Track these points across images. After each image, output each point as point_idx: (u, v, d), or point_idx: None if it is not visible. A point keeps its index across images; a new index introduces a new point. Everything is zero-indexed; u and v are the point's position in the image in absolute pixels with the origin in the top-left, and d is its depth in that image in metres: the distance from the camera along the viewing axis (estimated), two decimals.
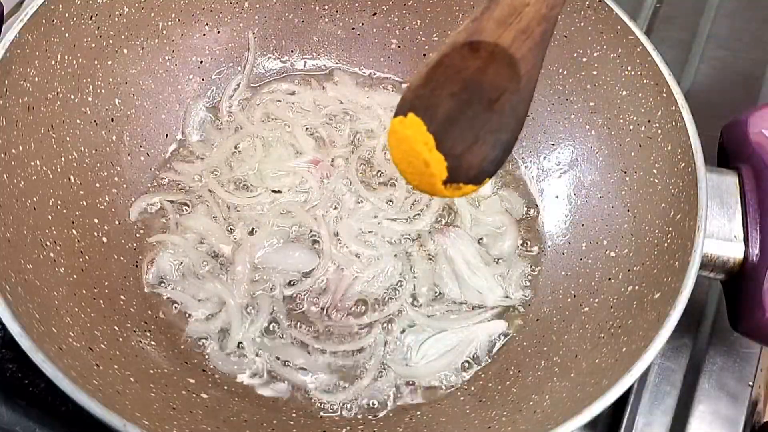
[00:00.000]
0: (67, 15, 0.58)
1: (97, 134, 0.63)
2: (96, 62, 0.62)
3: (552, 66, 0.67)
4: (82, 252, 0.57)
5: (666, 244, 0.55)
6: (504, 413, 0.53)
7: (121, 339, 0.55)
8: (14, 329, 0.44)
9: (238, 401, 0.56)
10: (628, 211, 0.61)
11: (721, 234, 0.54)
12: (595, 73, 0.64)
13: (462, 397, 0.58)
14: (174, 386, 0.54)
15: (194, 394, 0.55)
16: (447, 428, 0.55)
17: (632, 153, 0.61)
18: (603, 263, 0.61)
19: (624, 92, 0.62)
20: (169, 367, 0.56)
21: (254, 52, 0.73)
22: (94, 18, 0.61)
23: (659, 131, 0.58)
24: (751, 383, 0.62)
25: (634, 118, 0.61)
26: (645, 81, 0.59)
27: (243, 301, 0.61)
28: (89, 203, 0.60)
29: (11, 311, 0.45)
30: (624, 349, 0.51)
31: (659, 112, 0.58)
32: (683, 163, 0.55)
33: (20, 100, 0.54)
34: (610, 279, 0.59)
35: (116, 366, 0.51)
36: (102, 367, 0.49)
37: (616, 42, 0.61)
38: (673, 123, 0.56)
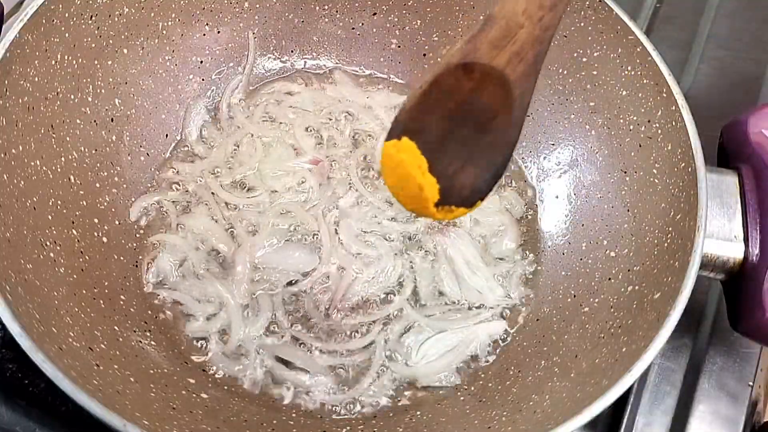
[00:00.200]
0: (67, 15, 0.58)
1: (97, 134, 0.63)
2: (96, 62, 0.62)
3: (552, 66, 0.67)
4: (82, 252, 0.57)
5: (666, 244, 0.55)
6: (504, 413, 0.53)
7: (121, 339, 0.55)
8: (14, 329, 0.44)
9: (238, 401, 0.56)
10: (628, 211, 0.61)
11: (721, 234, 0.54)
12: (595, 73, 0.64)
13: (462, 397, 0.58)
14: (174, 386, 0.54)
15: (194, 394, 0.54)
16: (447, 428, 0.55)
17: (632, 153, 0.61)
18: (603, 263, 0.61)
19: (624, 92, 0.62)
20: (169, 367, 0.56)
21: (254, 52, 0.73)
22: (94, 18, 0.61)
23: (659, 131, 0.58)
24: (751, 383, 0.62)
25: (634, 118, 0.61)
26: (645, 81, 0.59)
27: (243, 302, 0.61)
28: (89, 203, 0.60)
29: (11, 311, 0.45)
30: (624, 349, 0.51)
31: (659, 112, 0.58)
32: (683, 163, 0.55)
33: (20, 100, 0.54)
34: (610, 279, 0.59)
35: (116, 366, 0.51)
36: (102, 367, 0.49)
37: (616, 42, 0.61)
38: (673, 123, 0.56)
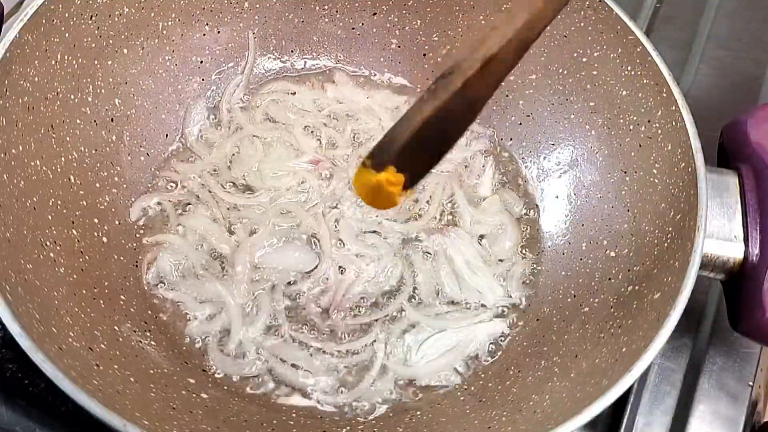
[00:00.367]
0: (67, 15, 0.58)
1: (97, 134, 0.63)
2: (96, 62, 0.62)
3: (552, 66, 0.67)
4: (82, 252, 0.57)
5: (666, 244, 0.55)
6: (504, 413, 0.53)
7: (121, 339, 0.55)
8: (14, 329, 0.44)
9: (238, 401, 0.56)
10: (628, 211, 0.61)
11: (721, 234, 0.54)
12: (595, 73, 0.64)
13: (462, 397, 0.58)
14: (174, 386, 0.54)
15: (194, 394, 0.54)
16: (447, 428, 0.55)
17: (632, 153, 0.61)
18: (603, 263, 0.61)
19: (624, 92, 0.62)
20: (169, 367, 0.56)
21: (254, 52, 0.73)
22: (94, 18, 0.61)
23: (659, 131, 0.58)
24: (751, 383, 0.62)
25: (634, 118, 0.61)
26: (645, 81, 0.59)
27: (243, 301, 0.61)
28: (89, 203, 0.60)
29: (11, 311, 0.45)
30: (624, 349, 0.51)
31: (659, 112, 0.58)
32: (683, 163, 0.55)
33: (20, 100, 0.54)
34: (610, 279, 0.59)
35: (116, 366, 0.51)
36: (102, 367, 0.49)
37: (616, 42, 0.61)
38: (673, 123, 0.56)
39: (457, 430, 0.54)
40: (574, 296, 0.61)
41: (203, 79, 0.71)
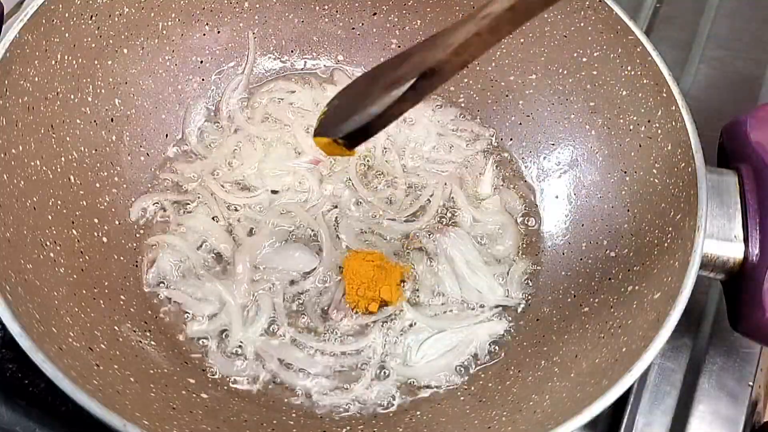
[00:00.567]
0: (67, 15, 0.58)
1: (97, 134, 0.63)
2: (96, 62, 0.62)
3: (552, 66, 0.67)
4: (82, 252, 0.57)
5: (666, 244, 0.55)
6: (504, 413, 0.53)
7: (121, 339, 0.55)
8: (14, 329, 0.44)
9: (238, 401, 0.57)
10: (628, 211, 0.61)
11: (721, 234, 0.54)
12: (595, 73, 0.64)
13: (462, 397, 0.58)
14: (174, 386, 0.54)
15: (194, 394, 0.55)
16: (447, 428, 0.55)
17: (632, 153, 0.61)
18: (603, 263, 0.61)
19: (624, 92, 0.62)
20: (169, 367, 0.56)
21: (254, 52, 0.73)
22: (94, 18, 0.61)
23: (659, 131, 0.58)
24: (751, 383, 0.62)
25: (634, 118, 0.61)
26: (645, 81, 0.59)
27: (243, 302, 0.61)
28: (89, 203, 0.60)
29: (11, 311, 0.45)
30: (624, 349, 0.51)
31: (659, 112, 0.58)
32: (683, 163, 0.55)
33: (20, 100, 0.54)
34: (610, 279, 0.59)
35: (116, 366, 0.51)
36: (102, 367, 0.49)
37: (616, 42, 0.61)
38: (673, 123, 0.56)
39: (457, 430, 0.54)
40: (574, 296, 0.61)
41: (203, 79, 0.71)
